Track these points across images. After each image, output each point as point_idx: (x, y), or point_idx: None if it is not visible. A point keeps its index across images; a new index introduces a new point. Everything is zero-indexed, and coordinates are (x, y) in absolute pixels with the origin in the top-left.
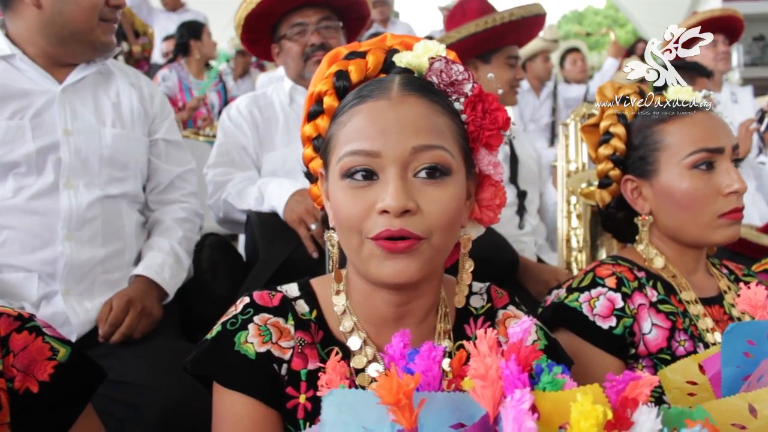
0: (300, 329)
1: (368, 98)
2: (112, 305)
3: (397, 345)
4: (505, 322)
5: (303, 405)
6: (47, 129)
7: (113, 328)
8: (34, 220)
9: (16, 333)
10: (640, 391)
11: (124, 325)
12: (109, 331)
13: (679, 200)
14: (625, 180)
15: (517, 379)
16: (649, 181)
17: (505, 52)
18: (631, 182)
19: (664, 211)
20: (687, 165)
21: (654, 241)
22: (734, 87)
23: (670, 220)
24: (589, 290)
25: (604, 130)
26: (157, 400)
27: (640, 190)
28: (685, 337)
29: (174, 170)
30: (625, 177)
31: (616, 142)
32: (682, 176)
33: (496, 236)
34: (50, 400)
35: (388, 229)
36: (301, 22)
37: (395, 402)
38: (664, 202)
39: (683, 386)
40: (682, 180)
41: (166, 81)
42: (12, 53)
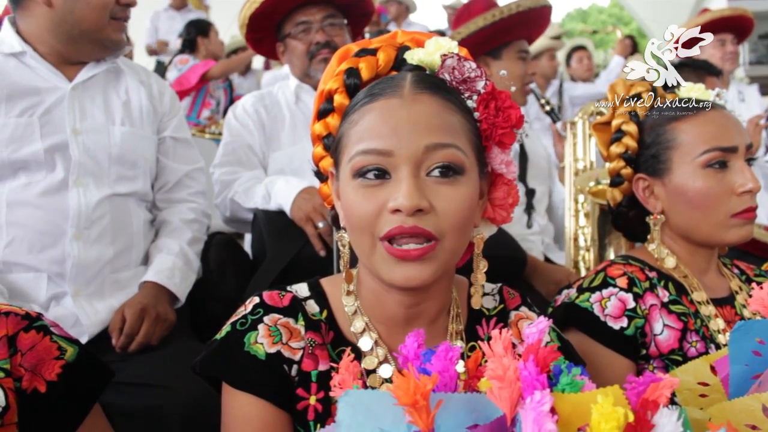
0: (310, 330)
1: (380, 96)
2: (124, 314)
3: (411, 345)
4: (518, 324)
5: (314, 406)
6: (56, 127)
7: (129, 338)
8: (42, 217)
9: (23, 332)
10: (661, 393)
11: (141, 334)
12: (125, 342)
13: (692, 199)
14: (636, 178)
15: (536, 380)
16: (662, 180)
17: (515, 46)
18: (643, 181)
19: (676, 210)
20: (700, 164)
21: (665, 241)
22: (741, 85)
23: (683, 220)
24: (600, 290)
25: (616, 128)
26: (178, 400)
27: (652, 188)
28: (696, 338)
29: (182, 168)
30: (636, 175)
31: (628, 140)
32: (696, 175)
33: (504, 234)
34: (58, 399)
35: (401, 226)
36: (306, 21)
37: (412, 403)
38: (676, 201)
39: (695, 387)
40: (695, 179)
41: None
42: (23, 50)
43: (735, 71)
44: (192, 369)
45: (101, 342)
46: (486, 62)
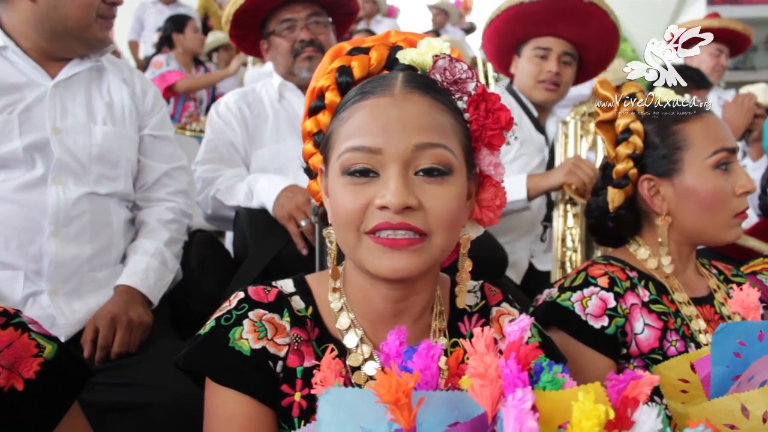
0: (296, 326)
1: (371, 95)
2: (96, 326)
3: (392, 342)
4: (499, 319)
5: (298, 403)
6: (36, 125)
7: (105, 351)
8: (20, 213)
9: (1, 329)
10: (641, 391)
11: (116, 344)
12: (101, 355)
13: (704, 200)
14: (643, 179)
15: (517, 378)
16: (671, 181)
17: (533, 43)
18: (649, 181)
19: (684, 210)
20: (710, 164)
21: (655, 242)
22: (720, 91)
23: (690, 220)
24: (581, 289)
25: (624, 127)
26: (164, 398)
27: (658, 189)
28: (676, 337)
29: (161, 167)
30: (643, 176)
31: (636, 140)
32: (707, 176)
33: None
34: (36, 397)
35: (388, 222)
36: (290, 18)
37: (394, 401)
38: (686, 202)
39: (676, 383)
40: (707, 179)
41: (169, 65)
42: (5, 45)
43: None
44: (175, 364)
45: (79, 344)
46: (515, 60)
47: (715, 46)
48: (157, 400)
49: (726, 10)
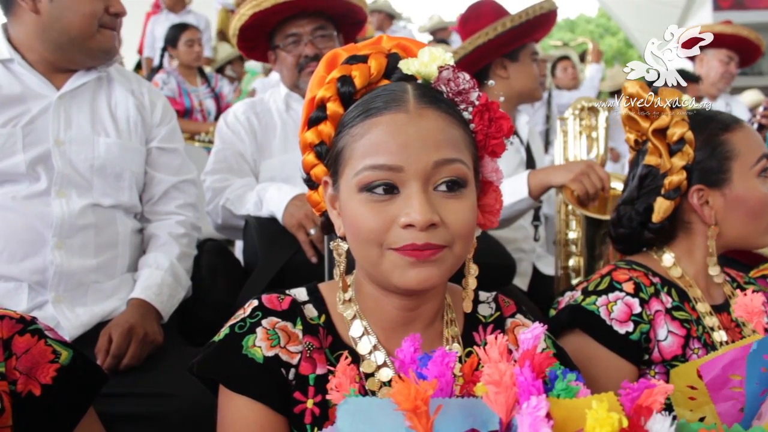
0: (308, 334)
1: (384, 110)
2: (110, 335)
3: (407, 349)
4: (514, 331)
5: (311, 410)
6: (39, 137)
7: (116, 359)
8: (24, 225)
9: (18, 336)
10: (654, 399)
11: (128, 356)
12: (112, 363)
13: (753, 208)
14: (694, 190)
15: (532, 386)
16: (721, 191)
17: (529, 48)
18: (699, 192)
19: (731, 219)
20: (756, 172)
21: (680, 250)
22: (727, 97)
23: (736, 228)
24: (606, 294)
25: (679, 137)
26: (177, 407)
27: (707, 199)
28: (698, 345)
29: (168, 180)
30: (694, 186)
31: (689, 150)
32: (755, 184)
33: (492, 241)
34: (53, 403)
35: (414, 243)
36: (295, 33)
37: (413, 408)
38: (734, 211)
39: (685, 390)
40: (755, 187)
41: (167, 84)
42: (11, 58)
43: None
44: (189, 370)
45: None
46: (504, 65)
47: (726, 52)
48: (169, 409)
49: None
